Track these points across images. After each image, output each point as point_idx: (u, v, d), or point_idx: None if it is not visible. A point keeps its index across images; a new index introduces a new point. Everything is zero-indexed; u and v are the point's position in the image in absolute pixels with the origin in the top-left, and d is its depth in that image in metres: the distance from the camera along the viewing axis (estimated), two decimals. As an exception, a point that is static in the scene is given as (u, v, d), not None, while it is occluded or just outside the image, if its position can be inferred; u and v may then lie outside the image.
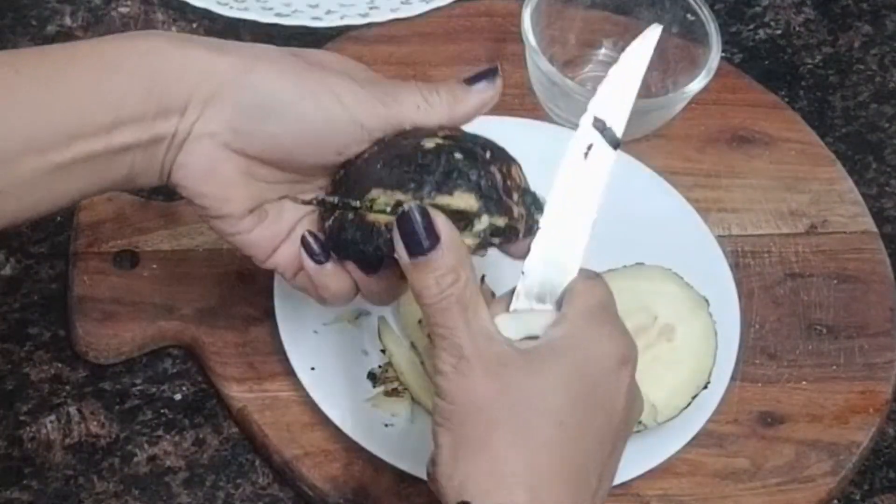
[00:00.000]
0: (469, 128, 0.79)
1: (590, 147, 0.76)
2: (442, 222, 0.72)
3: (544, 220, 0.76)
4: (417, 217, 0.72)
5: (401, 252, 0.72)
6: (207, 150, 0.75)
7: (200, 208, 0.77)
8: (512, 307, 0.75)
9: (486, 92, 0.78)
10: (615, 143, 0.76)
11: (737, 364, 0.93)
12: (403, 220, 0.72)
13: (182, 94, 0.74)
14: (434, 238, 0.72)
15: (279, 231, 0.79)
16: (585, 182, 0.76)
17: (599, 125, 0.76)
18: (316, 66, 0.76)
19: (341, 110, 0.75)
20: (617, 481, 0.87)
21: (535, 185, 1.00)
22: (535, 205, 0.77)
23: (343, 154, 0.76)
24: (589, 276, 0.76)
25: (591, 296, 0.75)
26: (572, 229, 0.76)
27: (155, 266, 0.95)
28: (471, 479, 0.70)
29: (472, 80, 0.78)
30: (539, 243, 0.76)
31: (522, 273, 0.76)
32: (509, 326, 0.74)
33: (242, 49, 0.76)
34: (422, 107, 0.76)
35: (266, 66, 0.75)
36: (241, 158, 0.76)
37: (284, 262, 0.80)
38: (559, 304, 0.75)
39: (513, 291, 0.76)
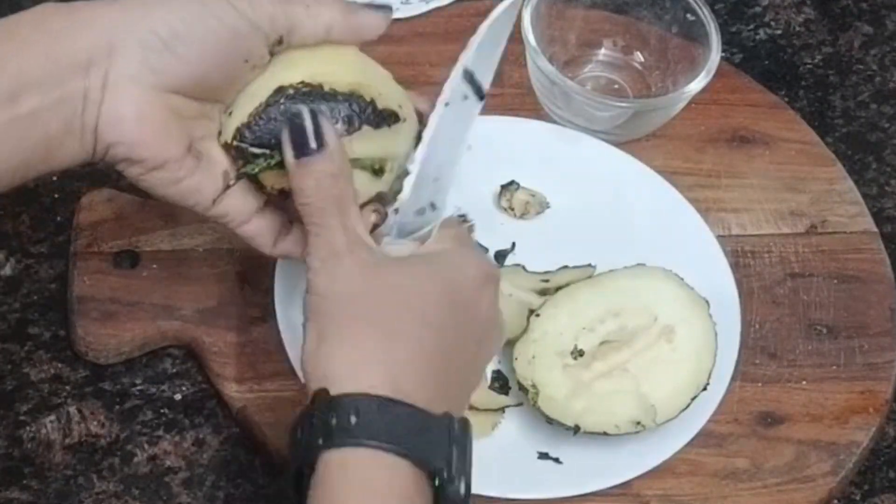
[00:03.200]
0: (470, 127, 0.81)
1: (465, 97, 0.80)
2: (329, 129, 0.76)
3: (416, 163, 0.80)
4: (308, 120, 0.76)
5: (287, 153, 0.76)
6: (133, 94, 0.76)
7: (139, 162, 0.77)
8: (384, 241, 0.79)
9: (375, 15, 0.81)
10: (482, 95, 0.81)
11: (737, 364, 0.93)
12: (294, 122, 0.76)
13: (80, 50, 0.75)
14: (320, 141, 0.75)
15: (216, 175, 0.80)
16: (454, 130, 0.81)
17: (470, 79, 0.80)
18: None
19: (236, 15, 0.77)
20: (617, 481, 0.88)
21: (536, 185, 1.01)
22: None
23: (250, 62, 0.78)
24: (457, 219, 0.82)
25: (460, 229, 0.82)
26: (443, 172, 0.81)
27: (155, 266, 0.95)
28: (331, 367, 0.72)
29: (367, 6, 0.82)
30: (412, 183, 0.79)
31: (395, 211, 0.79)
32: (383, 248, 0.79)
33: None
34: (311, 6, 0.79)
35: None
36: (165, 95, 0.77)
37: (233, 208, 0.81)
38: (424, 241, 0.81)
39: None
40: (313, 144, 0.76)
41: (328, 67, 0.79)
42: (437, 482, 0.69)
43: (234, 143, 0.79)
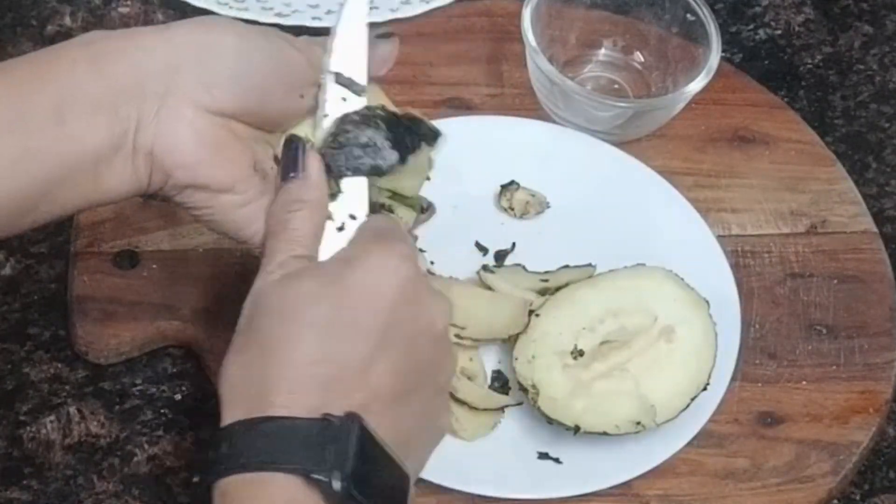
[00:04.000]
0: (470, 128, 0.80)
1: (344, 99, 0.79)
2: (313, 161, 0.76)
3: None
4: (296, 150, 0.76)
5: (279, 177, 0.77)
6: (189, 116, 0.75)
7: (204, 187, 0.76)
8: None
9: (384, 45, 0.82)
10: (361, 91, 0.79)
11: (737, 364, 0.93)
12: (286, 149, 0.77)
13: (134, 72, 0.74)
14: (298, 169, 0.76)
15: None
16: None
17: (345, 81, 0.79)
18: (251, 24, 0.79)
19: (290, 47, 0.78)
20: (617, 481, 0.88)
21: (536, 185, 1.01)
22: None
23: (304, 96, 0.78)
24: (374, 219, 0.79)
25: (374, 224, 0.77)
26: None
27: (155, 266, 0.95)
28: (227, 373, 0.71)
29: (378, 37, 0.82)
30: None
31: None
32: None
33: (182, 22, 0.77)
34: None
35: (212, 25, 0.77)
36: (222, 119, 0.76)
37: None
38: None
39: None
40: (291, 172, 0.76)
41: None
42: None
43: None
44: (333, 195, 0.76)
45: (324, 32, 1.08)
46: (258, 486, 0.68)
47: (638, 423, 0.88)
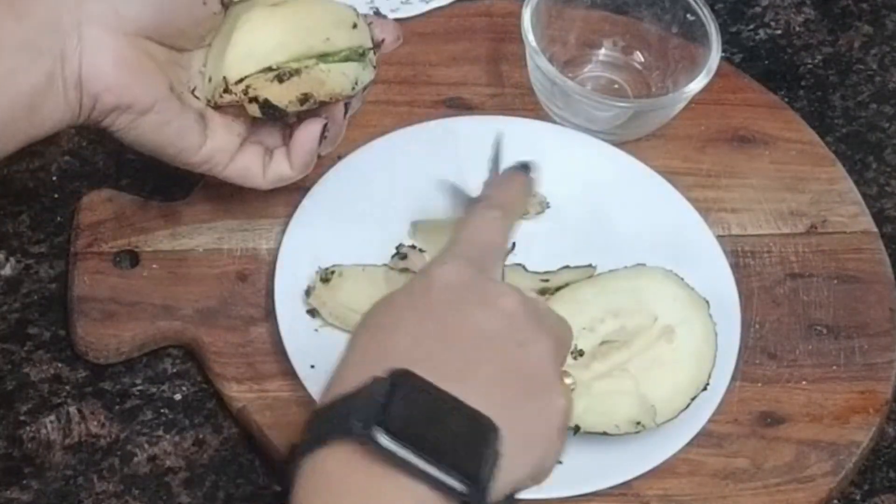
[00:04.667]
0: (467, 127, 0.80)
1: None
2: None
3: None
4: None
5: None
6: (108, 41, 0.79)
7: (128, 108, 0.81)
8: None
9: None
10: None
11: (737, 364, 0.93)
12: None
13: (48, 7, 0.77)
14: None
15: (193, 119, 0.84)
16: None
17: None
18: None
19: None
20: (617, 481, 0.88)
21: (536, 185, 1.01)
22: None
23: (208, 5, 0.82)
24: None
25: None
26: None
27: (155, 266, 0.95)
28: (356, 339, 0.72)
29: None
30: None
31: None
32: None
33: None
34: None
35: None
36: (138, 40, 0.80)
37: (218, 149, 0.87)
38: None
39: None
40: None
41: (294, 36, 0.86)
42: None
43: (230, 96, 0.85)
44: None
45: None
46: (312, 459, 0.66)
47: (638, 423, 0.88)
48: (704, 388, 0.90)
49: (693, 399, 0.89)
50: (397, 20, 1.09)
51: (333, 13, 0.88)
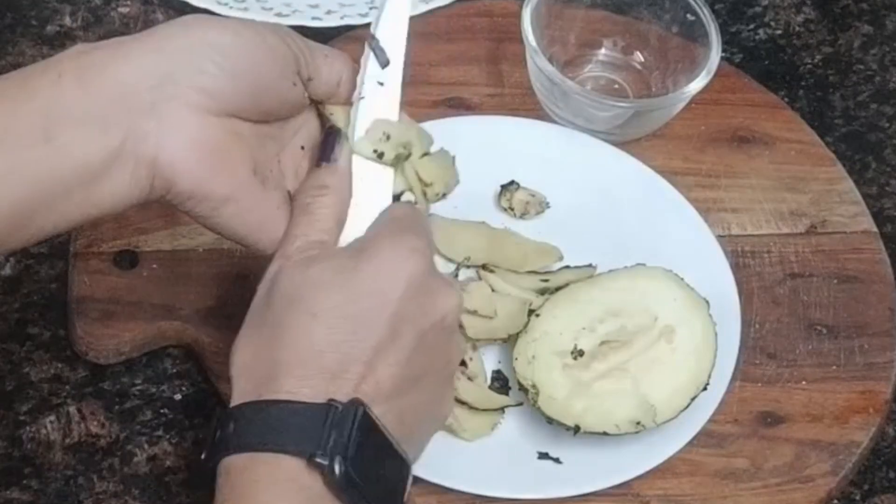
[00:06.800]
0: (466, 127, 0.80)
1: (381, 84, 0.82)
2: (344, 151, 0.79)
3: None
4: (330, 138, 0.80)
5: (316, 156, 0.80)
6: (191, 121, 0.75)
7: (205, 199, 0.76)
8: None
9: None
10: (386, 64, 0.83)
11: (737, 364, 0.93)
12: (324, 136, 0.80)
13: (125, 81, 0.74)
14: (329, 156, 0.79)
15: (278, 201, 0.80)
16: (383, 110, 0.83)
17: (377, 47, 0.82)
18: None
19: (278, 38, 0.78)
20: (617, 481, 0.88)
21: (536, 185, 1.01)
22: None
23: (297, 84, 0.79)
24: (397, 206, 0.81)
25: (393, 213, 0.79)
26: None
27: (155, 266, 0.95)
28: (238, 353, 0.74)
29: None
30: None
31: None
32: None
33: (163, 28, 0.77)
34: (329, 56, 0.81)
35: (194, 25, 0.77)
36: (223, 119, 0.76)
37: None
38: None
39: None
40: (324, 157, 0.79)
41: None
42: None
43: None
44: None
45: (323, 33, 1.09)
46: (261, 465, 0.69)
47: (638, 423, 0.88)
48: (704, 388, 0.90)
49: (693, 399, 0.89)
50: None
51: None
